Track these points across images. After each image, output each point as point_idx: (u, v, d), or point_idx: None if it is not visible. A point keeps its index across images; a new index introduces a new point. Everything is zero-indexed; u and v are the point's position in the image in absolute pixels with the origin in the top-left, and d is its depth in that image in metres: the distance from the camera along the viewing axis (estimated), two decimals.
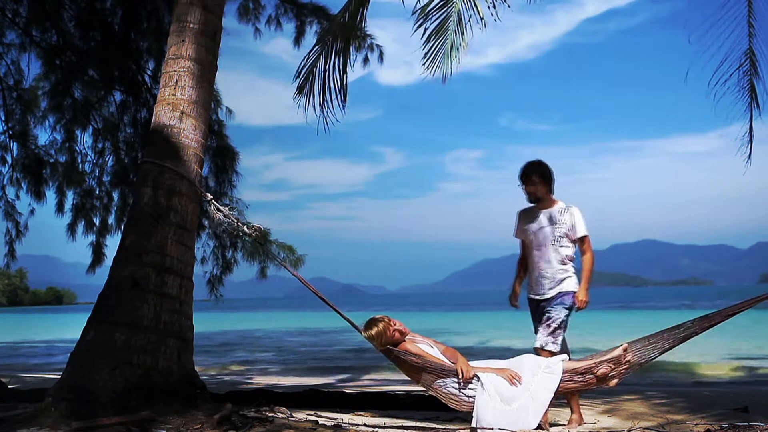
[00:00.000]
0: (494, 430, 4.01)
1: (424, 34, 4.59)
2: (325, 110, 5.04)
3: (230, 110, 8.59)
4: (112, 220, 8.83)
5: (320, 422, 3.95)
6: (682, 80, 4.81)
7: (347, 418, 4.40)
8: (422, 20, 4.59)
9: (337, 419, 4.20)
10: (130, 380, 3.96)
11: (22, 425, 3.71)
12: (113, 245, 7.69)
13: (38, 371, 11.79)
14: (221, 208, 4.59)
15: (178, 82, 4.57)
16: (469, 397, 4.19)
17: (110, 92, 8.48)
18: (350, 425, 4.00)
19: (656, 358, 4.22)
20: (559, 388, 4.16)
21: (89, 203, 8.73)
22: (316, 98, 5.04)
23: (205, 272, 8.42)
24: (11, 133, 8.49)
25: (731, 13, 5.08)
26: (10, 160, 8.55)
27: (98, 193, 8.82)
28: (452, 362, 4.33)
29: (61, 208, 8.64)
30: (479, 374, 4.24)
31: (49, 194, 8.57)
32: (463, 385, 4.21)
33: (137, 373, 4.01)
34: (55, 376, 7.26)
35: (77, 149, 8.57)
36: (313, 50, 5.15)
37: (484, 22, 4.53)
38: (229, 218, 4.59)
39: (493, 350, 16.12)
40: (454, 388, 4.23)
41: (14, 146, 8.55)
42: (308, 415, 4.24)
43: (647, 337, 4.23)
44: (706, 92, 5.02)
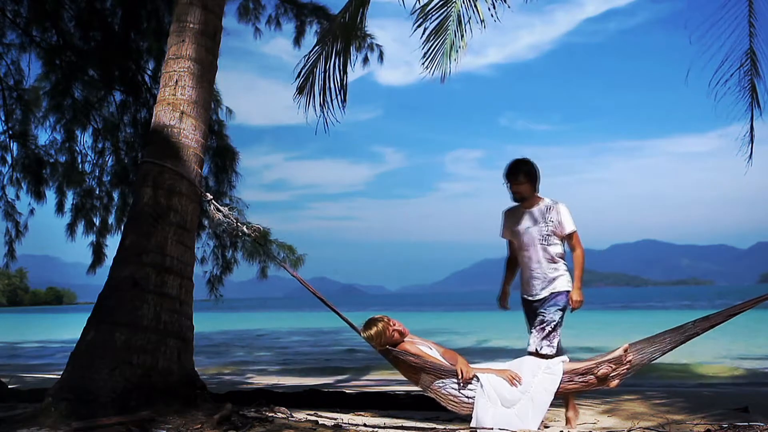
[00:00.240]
0: (494, 430, 4.01)
1: (423, 33, 4.59)
2: (325, 110, 5.04)
3: (230, 110, 8.61)
4: (112, 220, 8.84)
5: (320, 422, 3.95)
6: (682, 80, 4.80)
7: (347, 418, 4.40)
8: (422, 20, 4.59)
9: (337, 419, 4.20)
10: (130, 380, 3.96)
11: (22, 425, 3.71)
12: (113, 245, 7.70)
13: (38, 371, 11.78)
14: (221, 208, 4.59)
15: (178, 82, 4.57)
16: (468, 398, 4.18)
17: (110, 92, 8.48)
18: (350, 425, 4.00)
19: (657, 359, 4.22)
20: (559, 388, 4.17)
21: (89, 203, 8.73)
22: (316, 98, 5.05)
23: (205, 272, 8.43)
24: (11, 133, 8.49)
25: (732, 12, 5.08)
26: (10, 160, 8.56)
27: (98, 193, 8.82)
28: (452, 364, 4.33)
29: (61, 208, 8.64)
30: (479, 375, 4.24)
31: (49, 194, 8.59)
32: (462, 385, 4.21)
33: (137, 373, 4.01)
34: (55, 376, 7.26)
35: (77, 149, 8.58)
36: (313, 50, 5.15)
37: (484, 23, 4.52)
38: (228, 218, 4.59)
39: (492, 350, 16.12)
40: (453, 389, 4.23)
41: (14, 146, 8.56)
42: (308, 415, 4.23)
43: (648, 338, 4.23)
44: (706, 92, 5.03)
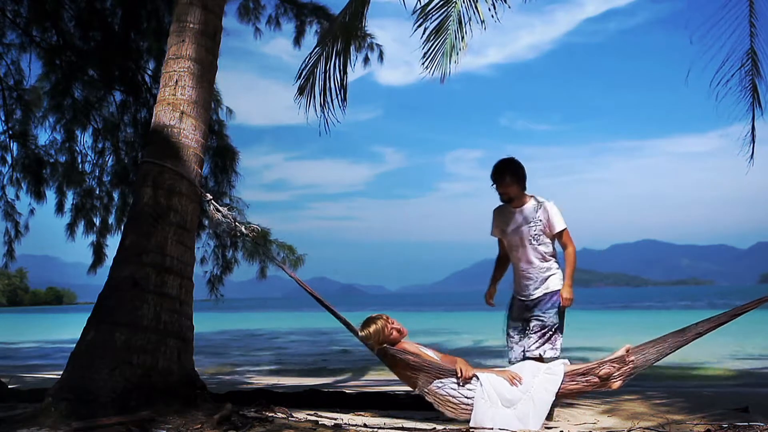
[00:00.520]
0: (494, 430, 4.00)
1: (423, 33, 4.59)
2: (325, 111, 5.04)
3: (230, 110, 8.61)
4: (112, 220, 8.85)
5: (320, 422, 3.95)
6: (682, 80, 4.80)
7: (347, 418, 4.39)
8: (422, 20, 4.59)
9: (337, 419, 4.19)
10: (130, 380, 3.96)
11: (22, 425, 3.71)
12: (113, 245, 7.70)
13: (38, 371, 11.77)
14: (220, 208, 4.59)
15: (178, 82, 4.57)
16: (467, 397, 4.14)
17: (110, 92, 8.49)
18: (350, 425, 4.00)
19: (660, 360, 4.21)
20: (560, 389, 4.14)
21: (89, 203, 8.74)
22: (316, 99, 5.05)
23: (205, 272, 8.43)
24: (11, 133, 8.49)
25: (732, 13, 5.08)
26: (10, 160, 8.56)
27: (98, 193, 8.83)
28: (450, 365, 4.31)
29: (60, 208, 8.65)
30: (478, 374, 4.22)
31: (49, 194, 8.59)
32: (461, 384, 4.18)
33: (137, 373, 4.00)
34: (55, 376, 7.25)
35: (77, 149, 8.58)
36: (313, 51, 5.16)
37: (484, 24, 4.52)
38: (227, 218, 4.59)
39: (492, 350, 16.09)
40: (452, 388, 4.19)
41: (14, 146, 8.56)
42: (308, 415, 4.23)
43: (651, 341, 4.22)
44: (708, 92, 5.03)
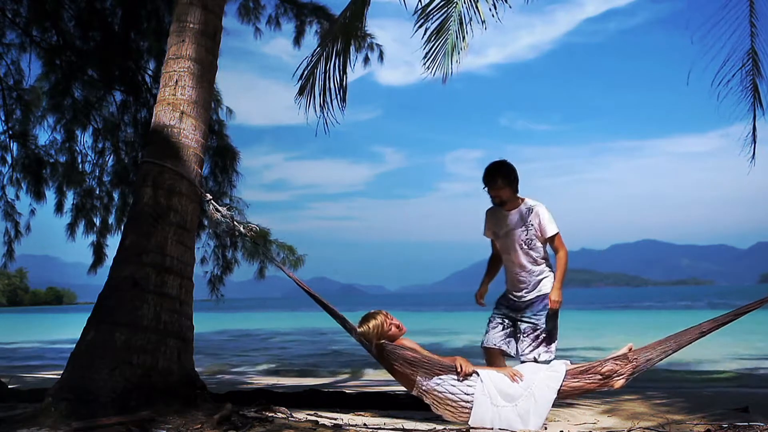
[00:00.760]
0: (494, 430, 3.99)
1: (424, 34, 4.59)
2: (325, 111, 5.04)
3: (230, 110, 8.61)
4: (112, 220, 8.85)
5: (320, 422, 3.95)
6: (682, 80, 4.79)
7: (347, 418, 4.39)
8: (423, 20, 4.59)
9: (337, 419, 4.19)
10: (130, 380, 3.96)
11: (22, 425, 3.71)
12: (114, 245, 7.70)
13: (38, 371, 11.77)
14: (219, 207, 4.59)
15: (178, 82, 4.56)
16: (467, 394, 4.09)
17: (110, 92, 8.49)
18: (350, 425, 4.00)
19: (663, 359, 4.21)
20: (562, 386, 4.12)
21: (89, 203, 8.73)
22: (316, 99, 5.05)
23: (205, 272, 8.44)
24: (11, 133, 8.49)
25: (733, 13, 5.07)
26: (10, 160, 8.55)
27: (98, 193, 8.82)
28: (450, 362, 4.28)
29: (60, 208, 8.64)
30: (479, 371, 4.20)
31: (49, 194, 8.59)
32: (461, 379, 4.14)
33: (137, 373, 4.00)
34: (55, 376, 7.25)
35: (77, 149, 8.58)
36: (314, 51, 5.16)
37: (485, 24, 4.53)
38: (226, 218, 4.59)
39: None
40: (452, 385, 4.14)
41: (14, 146, 8.55)
42: (308, 415, 4.23)
43: (654, 342, 4.22)
44: (708, 92, 5.02)
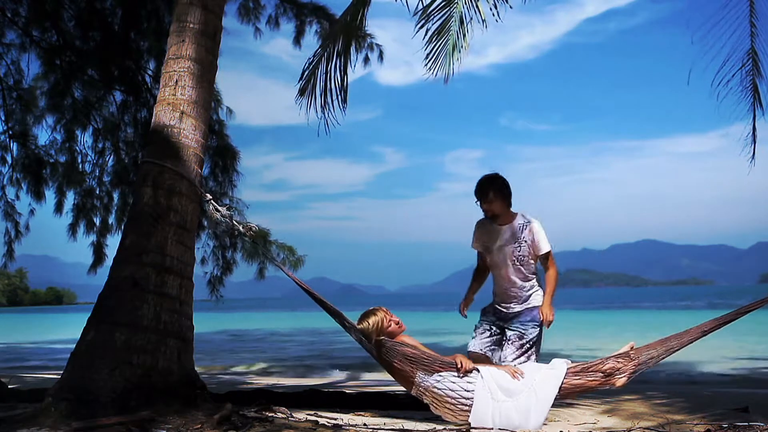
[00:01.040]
0: (494, 430, 3.98)
1: (425, 34, 4.59)
2: (326, 112, 5.04)
3: (230, 110, 8.62)
4: (112, 220, 8.85)
5: (320, 422, 3.94)
6: (682, 80, 4.78)
7: (347, 418, 4.39)
8: (424, 21, 4.60)
9: (337, 419, 4.19)
10: (130, 380, 3.96)
11: (22, 425, 3.71)
12: (113, 245, 7.70)
13: (38, 371, 11.77)
14: (219, 207, 4.59)
15: (178, 82, 4.56)
16: (467, 391, 4.07)
17: (110, 92, 8.49)
18: (350, 425, 4.00)
19: (664, 358, 4.20)
20: (563, 384, 4.09)
21: (89, 203, 8.73)
22: (317, 100, 5.05)
23: (205, 273, 8.43)
24: (11, 133, 8.49)
25: (733, 13, 5.08)
26: (10, 160, 8.55)
27: (98, 193, 8.82)
28: (449, 358, 4.27)
29: (60, 208, 8.64)
30: (479, 367, 4.18)
31: (49, 194, 8.59)
32: (461, 376, 4.12)
33: (137, 373, 4.00)
34: (55, 376, 7.26)
35: (77, 149, 8.58)
36: (315, 52, 5.17)
37: (485, 23, 4.53)
38: (226, 218, 4.59)
39: None
40: (452, 382, 4.11)
41: (14, 146, 8.55)
42: (308, 415, 4.23)
43: (656, 341, 4.22)
44: (708, 92, 5.02)
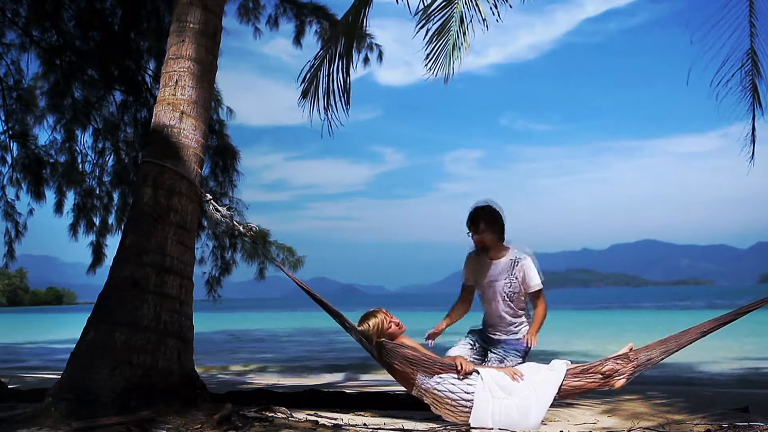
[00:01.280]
0: (494, 430, 3.98)
1: (426, 35, 4.59)
2: (329, 113, 5.05)
3: (231, 110, 8.62)
4: (112, 220, 8.85)
5: (320, 422, 3.95)
6: (682, 80, 4.77)
7: (347, 418, 4.39)
8: (424, 21, 4.60)
9: (337, 419, 4.19)
10: (130, 380, 3.96)
11: (22, 425, 3.71)
12: (113, 245, 7.69)
13: (38, 371, 11.77)
14: (219, 207, 4.59)
15: (178, 82, 4.56)
16: (467, 393, 4.07)
17: (110, 92, 8.49)
18: (350, 425, 4.00)
19: (663, 359, 4.20)
20: (563, 386, 4.10)
21: (89, 203, 8.73)
22: (320, 101, 5.05)
23: (203, 273, 8.43)
24: (11, 133, 8.48)
25: (732, 13, 5.08)
26: (10, 160, 8.55)
27: (98, 193, 8.82)
28: (450, 360, 4.27)
29: (60, 208, 8.64)
30: (479, 369, 4.18)
31: (49, 194, 8.59)
32: (461, 378, 4.12)
33: (137, 373, 4.00)
34: (55, 376, 7.25)
35: (77, 149, 8.58)
36: (317, 54, 5.18)
37: (486, 23, 4.53)
38: (226, 218, 4.59)
39: None
40: (452, 383, 4.11)
41: (14, 146, 8.55)
42: (308, 415, 4.23)
43: (655, 342, 4.22)
44: (708, 92, 5.02)
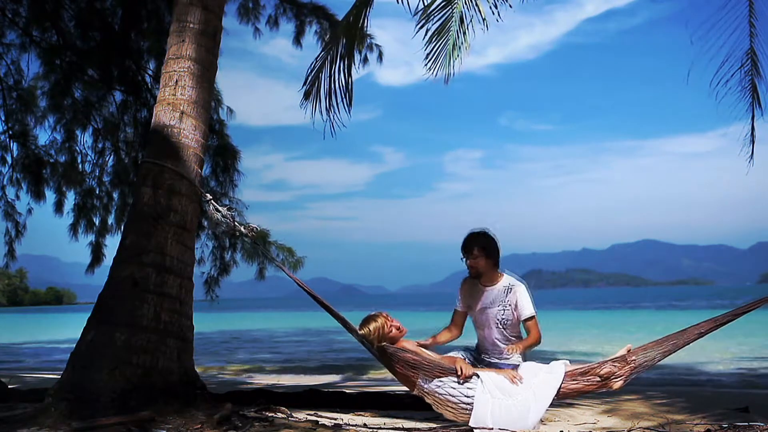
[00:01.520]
0: (494, 430, 3.99)
1: (426, 34, 4.59)
2: (331, 114, 5.05)
3: (231, 110, 8.62)
4: (111, 220, 8.85)
5: (320, 422, 3.95)
6: (682, 80, 4.76)
7: (347, 418, 4.39)
8: (424, 21, 4.60)
9: (337, 419, 4.20)
10: (130, 380, 3.97)
11: (22, 425, 3.72)
12: (113, 245, 7.70)
13: (38, 371, 11.77)
14: (219, 207, 4.59)
15: (178, 82, 4.57)
16: (468, 396, 4.10)
17: (110, 92, 8.48)
18: (350, 425, 4.00)
19: (661, 360, 4.20)
20: (561, 388, 4.13)
21: (89, 203, 8.73)
22: (322, 103, 5.05)
23: (202, 273, 8.43)
24: (11, 133, 8.49)
25: (732, 13, 5.08)
26: (10, 160, 8.55)
27: (98, 193, 8.82)
28: (450, 364, 4.29)
29: (59, 208, 8.64)
30: (479, 372, 4.20)
31: (48, 194, 8.59)
32: (462, 382, 4.14)
33: (137, 373, 4.01)
34: (55, 376, 7.25)
35: (77, 149, 8.58)
36: (318, 56, 5.19)
37: (486, 22, 4.53)
38: (227, 218, 4.59)
39: None
40: (452, 387, 4.14)
41: (14, 146, 8.55)
42: (308, 415, 4.23)
43: (652, 341, 4.22)
44: (708, 92, 5.02)
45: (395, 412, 4.80)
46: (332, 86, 5.03)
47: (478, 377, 4.16)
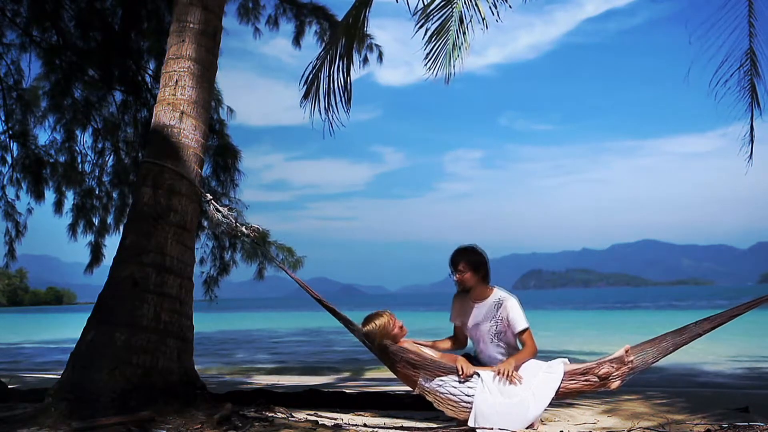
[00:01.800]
0: (494, 430, 4.00)
1: (425, 34, 4.59)
2: (330, 114, 5.05)
3: (231, 110, 8.62)
4: (111, 220, 8.84)
5: (320, 422, 3.95)
6: (682, 80, 4.75)
7: (347, 418, 4.40)
8: (424, 21, 4.60)
9: (337, 419, 4.20)
10: (130, 380, 3.97)
11: (22, 425, 3.72)
12: (112, 245, 7.70)
13: (38, 371, 11.77)
14: (220, 208, 4.59)
15: (178, 82, 4.57)
16: (468, 395, 4.13)
17: (110, 92, 8.48)
18: (350, 425, 4.00)
19: (659, 360, 4.21)
20: (560, 388, 4.16)
21: (89, 203, 8.73)
22: (321, 102, 5.05)
23: (202, 272, 8.42)
24: (11, 133, 8.49)
25: (732, 13, 5.08)
26: (10, 160, 8.55)
27: (98, 193, 8.82)
28: (451, 363, 4.31)
29: (59, 207, 8.64)
30: (479, 372, 4.22)
31: (48, 194, 8.59)
32: (462, 382, 4.17)
33: (137, 373, 4.01)
34: (55, 376, 7.26)
35: (77, 149, 8.58)
36: (318, 56, 5.18)
37: (485, 23, 4.53)
38: (228, 218, 4.59)
39: None
40: (453, 386, 4.17)
41: (14, 146, 8.55)
42: (308, 415, 4.24)
43: (650, 340, 4.22)
44: (707, 92, 5.02)
45: (395, 412, 4.81)
46: (331, 86, 5.03)
47: (478, 376, 4.18)
